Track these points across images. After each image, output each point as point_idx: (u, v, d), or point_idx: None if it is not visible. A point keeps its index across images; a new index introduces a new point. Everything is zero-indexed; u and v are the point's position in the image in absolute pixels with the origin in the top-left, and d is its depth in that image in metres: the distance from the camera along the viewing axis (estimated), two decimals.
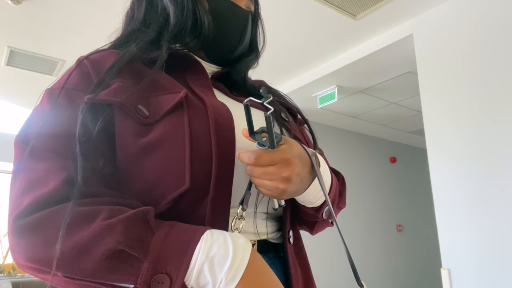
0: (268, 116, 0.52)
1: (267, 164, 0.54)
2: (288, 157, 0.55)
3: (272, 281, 0.50)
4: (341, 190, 0.75)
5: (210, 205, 0.55)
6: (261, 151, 0.55)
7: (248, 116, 0.55)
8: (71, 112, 0.56)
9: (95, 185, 0.54)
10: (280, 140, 0.56)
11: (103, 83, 0.58)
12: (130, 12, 0.74)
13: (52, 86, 0.61)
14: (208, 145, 0.57)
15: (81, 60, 0.62)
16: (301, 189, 0.58)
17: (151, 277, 0.46)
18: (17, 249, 0.49)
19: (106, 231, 0.47)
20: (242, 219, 0.58)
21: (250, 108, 0.54)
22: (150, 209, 0.52)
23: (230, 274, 0.47)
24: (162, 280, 0.46)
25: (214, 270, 0.47)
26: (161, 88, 0.62)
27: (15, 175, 0.54)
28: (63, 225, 0.47)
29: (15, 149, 0.56)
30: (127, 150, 0.57)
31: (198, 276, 0.47)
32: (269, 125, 0.53)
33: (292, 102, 0.83)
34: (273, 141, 0.54)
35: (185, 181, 0.54)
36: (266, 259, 0.64)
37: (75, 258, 0.47)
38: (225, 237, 0.50)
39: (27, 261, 0.49)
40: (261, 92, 0.54)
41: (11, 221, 0.50)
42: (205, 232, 0.50)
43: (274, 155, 0.54)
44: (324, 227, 0.76)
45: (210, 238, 0.49)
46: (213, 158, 0.56)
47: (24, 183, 0.52)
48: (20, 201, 0.51)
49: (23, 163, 0.54)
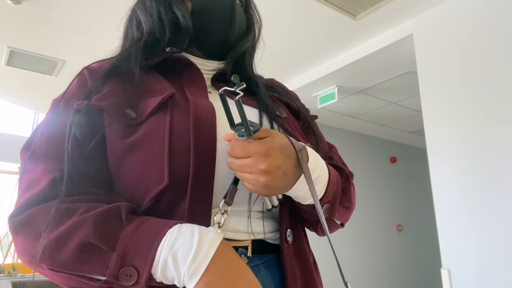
0: (238, 100, 0.50)
1: (242, 155, 0.53)
2: (266, 148, 0.53)
3: (242, 277, 0.49)
4: (345, 188, 0.70)
5: (188, 201, 0.55)
6: (236, 141, 0.54)
7: (224, 105, 0.53)
8: (66, 118, 0.60)
9: (84, 185, 0.57)
10: (257, 130, 0.54)
11: (93, 91, 0.62)
12: (123, 34, 0.78)
13: (57, 96, 0.66)
14: (187, 141, 0.57)
15: (82, 70, 0.67)
16: (287, 184, 0.56)
17: (118, 270, 0.48)
18: (15, 244, 0.54)
19: (79, 225, 0.50)
20: (226, 213, 0.57)
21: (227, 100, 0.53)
22: (125, 204, 0.54)
23: (192, 267, 0.47)
24: (129, 272, 0.48)
25: (177, 264, 0.47)
26: (151, 91, 0.64)
27: (19, 178, 0.59)
28: (47, 222, 0.51)
29: (20, 156, 0.61)
30: (114, 152, 0.59)
31: (164, 269, 0.48)
32: (240, 110, 0.51)
33: (295, 100, 0.81)
34: (248, 127, 0.52)
35: (164, 177, 0.55)
36: (261, 261, 0.62)
37: (54, 251, 0.50)
38: (192, 230, 0.50)
39: (22, 255, 0.53)
40: (232, 80, 0.52)
41: (8, 219, 0.55)
42: (174, 226, 0.50)
43: (249, 145, 0.53)
44: (332, 228, 0.71)
45: (177, 231, 0.49)
46: (191, 153, 0.56)
47: (24, 185, 0.57)
48: (17, 201, 0.56)
49: (25, 167, 0.59)
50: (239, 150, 0.53)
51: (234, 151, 0.54)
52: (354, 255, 4.12)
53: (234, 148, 0.54)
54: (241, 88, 0.52)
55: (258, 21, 0.83)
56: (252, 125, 0.54)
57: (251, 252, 0.61)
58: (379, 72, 3.09)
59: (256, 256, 0.62)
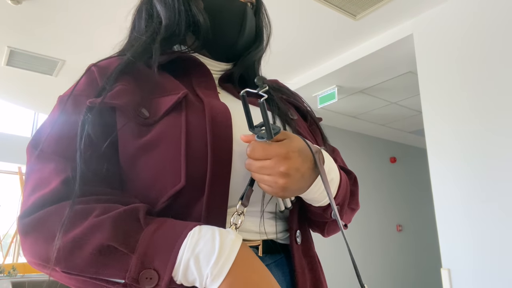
0: (262, 102, 0.50)
1: (262, 157, 0.53)
2: (286, 150, 0.53)
3: (262, 278, 0.49)
4: (353, 190, 0.72)
5: (205, 202, 0.55)
6: (257, 143, 0.54)
7: (245, 107, 0.53)
8: (76, 116, 0.59)
9: (96, 185, 0.56)
10: (278, 132, 0.54)
11: (105, 89, 0.60)
12: (131, 25, 0.76)
13: (64, 93, 0.64)
14: (204, 142, 0.57)
15: (90, 67, 0.65)
16: (303, 186, 0.56)
17: (139, 273, 0.47)
18: (24, 246, 0.53)
19: (96, 227, 0.49)
20: (242, 215, 0.57)
21: (248, 102, 0.54)
22: (142, 205, 0.53)
23: (215, 269, 0.47)
24: (150, 275, 0.47)
25: (200, 266, 0.47)
26: (164, 90, 0.63)
27: (26, 177, 0.58)
28: (61, 223, 0.50)
29: (27, 154, 0.59)
30: (127, 151, 0.58)
31: (185, 271, 0.47)
32: (264, 112, 0.51)
33: (302, 102, 0.82)
34: (270, 130, 0.52)
35: (181, 178, 0.55)
36: (271, 260, 0.63)
37: (69, 254, 0.49)
38: (213, 232, 0.50)
39: (31, 257, 0.52)
40: (256, 82, 0.52)
41: (18, 220, 0.53)
42: (194, 228, 0.50)
43: (270, 148, 0.53)
44: (337, 229, 0.72)
45: (197, 233, 0.49)
46: (208, 155, 0.56)
47: (32, 184, 0.56)
48: (26, 202, 0.54)
49: (32, 165, 0.57)
50: (260, 152, 0.53)
51: (255, 152, 0.54)
52: (354, 255, 4.11)
53: (255, 149, 0.54)
54: (264, 91, 0.52)
55: (267, 25, 0.81)
56: (273, 127, 0.54)
57: (261, 252, 0.62)
58: (379, 72, 3.09)
59: (267, 255, 0.63)
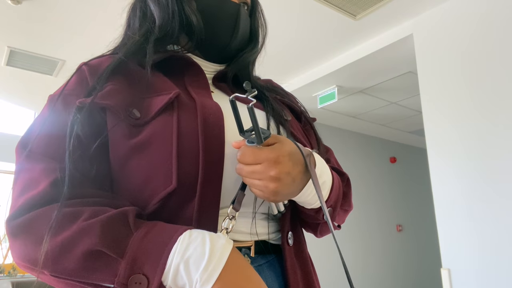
0: (251, 107, 0.50)
1: (252, 162, 0.53)
2: (276, 155, 0.53)
3: (252, 283, 0.49)
4: (346, 192, 0.72)
5: (197, 204, 0.55)
6: (247, 148, 0.54)
7: (235, 112, 0.53)
8: (66, 116, 0.58)
9: (86, 186, 0.55)
10: (268, 136, 0.54)
11: (96, 89, 0.59)
12: (126, 23, 0.75)
13: (54, 92, 0.63)
14: (196, 143, 0.56)
15: (81, 66, 0.64)
16: (295, 190, 0.56)
17: (128, 278, 0.46)
18: (13, 248, 0.52)
19: (85, 231, 0.49)
20: (234, 219, 0.56)
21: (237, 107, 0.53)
22: (131, 209, 0.52)
23: (205, 274, 0.46)
24: (139, 280, 0.46)
25: (189, 271, 0.47)
26: (156, 90, 0.62)
27: (15, 178, 0.57)
28: (49, 226, 0.49)
29: (16, 154, 0.58)
30: (118, 152, 0.57)
31: (175, 277, 0.47)
32: (253, 117, 0.51)
33: (296, 102, 0.81)
34: (259, 134, 0.52)
35: (172, 180, 0.54)
36: (264, 260, 0.63)
37: (57, 258, 0.48)
38: (203, 237, 0.49)
39: (20, 260, 0.51)
40: (244, 87, 0.52)
41: (6, 222, 0.53)
42: (184, 232, 0.49)
43: (260, 152, 0.53)
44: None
45: (188, 238, 0.49)
46: (200, 156, 0.55)
47: (20, 185, 0.55)
48: (15, 203, 0.54)
49: (21, 166, 0.56)
50: (250, 156, 0.53)
51: (245, 157, 0.54)
52: (354, 255, 4.11)
53: (245, 154, 0.54)
54: (253, 95, 0.52)
55: (263, 25, 0.80)
56: (263, 132, 0.54)
57: (253, 253, 0.61)
58: (379, 72, 3.09)
59: (258, 256, 0.62)
